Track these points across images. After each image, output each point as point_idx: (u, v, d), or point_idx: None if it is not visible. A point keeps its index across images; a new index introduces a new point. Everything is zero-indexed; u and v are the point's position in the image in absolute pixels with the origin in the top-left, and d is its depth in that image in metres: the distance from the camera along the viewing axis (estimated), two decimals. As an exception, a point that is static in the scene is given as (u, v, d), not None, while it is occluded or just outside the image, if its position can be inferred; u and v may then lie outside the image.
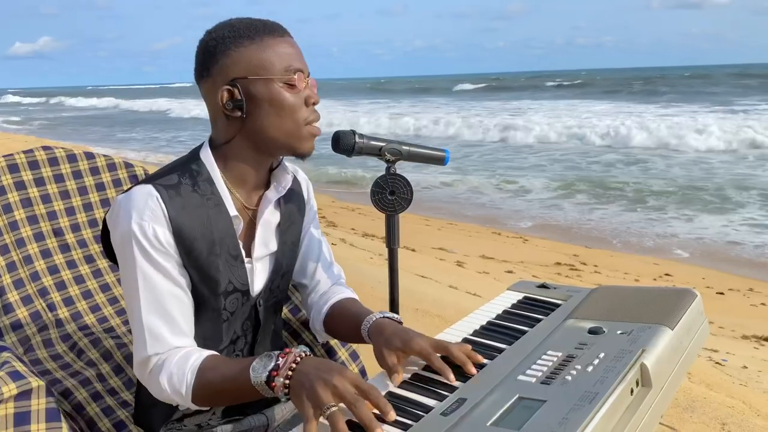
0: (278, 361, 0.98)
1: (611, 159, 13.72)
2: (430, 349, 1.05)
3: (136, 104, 45.58)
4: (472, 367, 1.02)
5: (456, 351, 1.04)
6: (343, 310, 1.28)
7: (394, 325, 1.14)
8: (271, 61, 1.09)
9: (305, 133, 1.13)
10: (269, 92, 1.09)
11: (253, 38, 1.09)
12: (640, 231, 8.03)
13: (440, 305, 3.73)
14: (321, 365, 0.95)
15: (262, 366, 0.98)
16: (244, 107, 1.10)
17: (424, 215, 8.51)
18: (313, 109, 1.14)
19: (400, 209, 1.33)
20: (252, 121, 1.11)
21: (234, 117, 1.11)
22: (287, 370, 0.96)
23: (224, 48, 1.09)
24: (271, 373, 0.97)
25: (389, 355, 1.07)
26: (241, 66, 1.09)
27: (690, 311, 1.20)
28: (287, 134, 1.12)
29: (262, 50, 1.09)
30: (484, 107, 28.40)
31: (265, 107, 1.10)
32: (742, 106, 23.24)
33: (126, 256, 1.09)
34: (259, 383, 0.98)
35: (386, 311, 1.22)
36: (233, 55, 1.09)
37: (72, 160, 1.69)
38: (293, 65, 1.10)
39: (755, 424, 2.42)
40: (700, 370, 3.13)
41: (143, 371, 1.11)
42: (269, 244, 1.23)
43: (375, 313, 1.20)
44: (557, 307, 1.30)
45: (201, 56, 1.12)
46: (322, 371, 0.93)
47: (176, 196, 1.09)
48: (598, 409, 0.85)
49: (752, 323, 4.86)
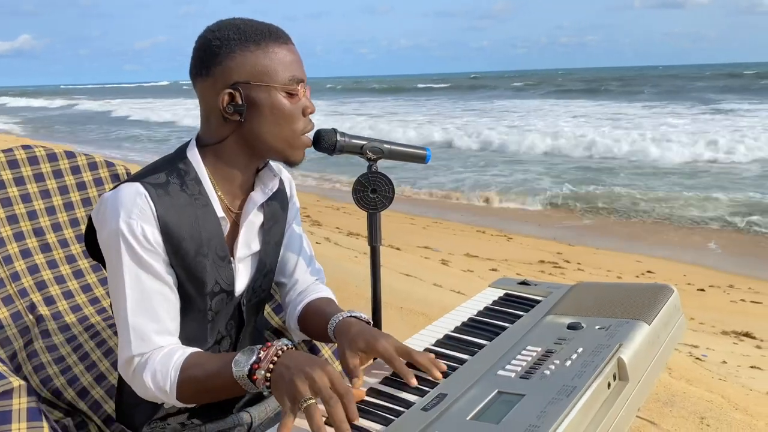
0: (260, 354, 0.98)
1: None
2: (393, 353, 1.05)
3: (94, 104, 45.96)
4: (436, 372, 1.02)
5: (419, 357, 1.04)
6: (316, 309, 1.27)
7: (361, 325, 1.13)
8: (276, 69, 1.09)
9: (300, 143, 1.14)
10: (271, 100, 1.09)
11: (258, 43, 1.09)
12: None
13: (425, 303, 3.75)
14: (303, 359, 0.96)
15: (245, 360, 0.99)
16: (244, 112, 1.10)
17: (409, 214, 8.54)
18: (309, 119, 1.15)
19: (381, 207, 1.34)
20: (249, 126, 1.11)
21: (231, 119, 1.11)
22: (268, 363, 0.96)
23: (229, 50, 1.08)
24: (252, 366, 0.97)
25: (352, 357, 1.07)
26: (245, 70, 1.08)
27: (667, 306, 1.22)
28: (283, 142, 1.12)
29: (267, 57, 1.09)
30: (442, 106, 28.90)
31: (265, 114, 1.10)
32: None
33: (113, 255, 1.08)
34: (241, 377, 0.98)
35: (355, 311, 1.21)
36: (238, 58, 1.08)
37: (52, 159, 1.68)
38: (296, 75, 1.11)
39: (733, 418, 2.47)
40: (681, 365, 3.17)
41: (127, 370, 1.11)
42: (251, 245, 1.23)
43: (343, 312, 1.19)
44: (537, 303, 1.32)
45: (202, 54, 1.11)
46: (303, 364, 0.94)
47: (165, 195, 1.08)
48: (576, 402, 0.86)
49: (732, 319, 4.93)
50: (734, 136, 14.49)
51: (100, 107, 42.17)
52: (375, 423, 0.91)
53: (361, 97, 40.77)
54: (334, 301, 1.31)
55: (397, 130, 18.74)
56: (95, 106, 44.06)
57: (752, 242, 7.56)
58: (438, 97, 37.40)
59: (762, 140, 13.83)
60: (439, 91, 45.64)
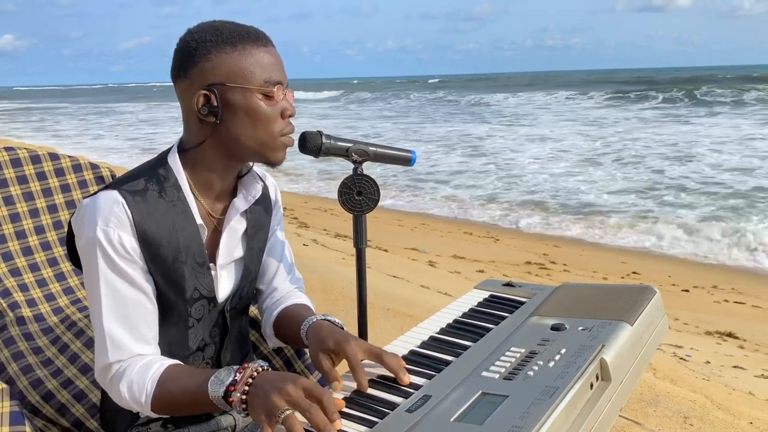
0: (236, 376, 0.97)
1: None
2: (358, 357, 1.04)
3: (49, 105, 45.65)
4: (405, 376, 1.02)
5: (388, 359, 1.04)
6: (292, 313, 1.26)
7: (331, 327, 1.13)
8: (252, 71, 1.08)
9: (278, 144, 1.13)
10: (246, 102, 1.08)
11: (235, 45, 1.08)
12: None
13: (411, 305, 3.75)
14: (276, 377, 0.95)
15: (220, 381, 0.98)
16: (219, 113, 1.09)
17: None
18: (288, 122, 1.14)
19: (367, 209, 1.34)
20: (225, 128, 1.10)
21: (207, 121, 1.10)
22: (244, 385, 0.96)
23: (205, 51, 1.08)
24: (228, 388, 0.97)
25: (324, 358, 1.07)
26: (221, 72, 1.08)
27: (649, 307, 1.23)
28: (260, 144, 1.12)
29: (244, 58, 1.08)
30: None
31: (240, 116, 1.09)
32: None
33: (90, 262, 1.08)
34: (217, 398, 0.98)
35: (329, 315, 1.20)
36: (214, 59, 1.08)
37: (36, 161, 1.67)
38: (273, 77, 1.10)
39: (716, 417, 2.49)
40: (665, 366, 3.20)
41: (104, 377, 1.11)
42: (234, 252, 1.22)
43: (317, 315, 1.19)
44: (522, 304, 1.33)
45: (180, 55, 1.11)
46: (276, 381, 0.93)
47: (142, 202, 1.08)
48: (559, 402, 0.87)
49: (716, 319, 4.99)
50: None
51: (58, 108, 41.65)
52: (359, 425, 0.91)
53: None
54: (310, 308, 1.30)
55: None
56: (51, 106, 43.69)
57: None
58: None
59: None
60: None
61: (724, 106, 25.50)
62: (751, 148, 14.08)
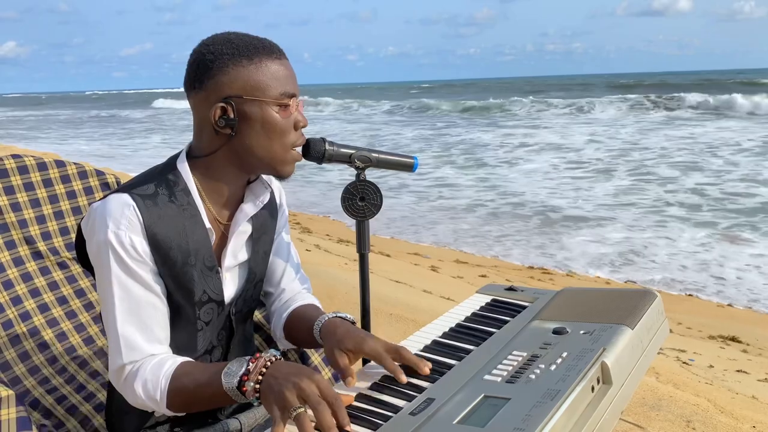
0: (249, 366, 0.99)
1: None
2: (382, 351, 1.07)
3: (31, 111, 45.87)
4: (425, 368, 1.05)
5: (407, 353, 1.07)
6: (302, 314, 1.28)
7: (347, 326, 1.15)
8: (268, 84, 1.10)
9: (290, 157, 1.15)
10: (262, 114, 1.10)
11: (251, 58, 1.10)
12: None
13: (414, 310, 3.76)
14: (290, 369, 0.97)
15: (234, 371, 1.00)
16: (236, 126, 1.11)
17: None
18: (301, 133, 1.17)
19: (370, 215, 1.36)
20: (240, 139, 1.12)
21: (222, 133, 1.12)
22: (257, 375, 0.98)
23: (221, 64, 1.09)
24: (242, 378, 0.99)
25: (341, 357, 1.09)
26: (238, 85, 1.09)
27: (650, 311, 1.25)
28: (273, 156, 1.14)
29: (260, 72, 1.10)
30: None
31: (256, 128, 1.11)
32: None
33: (102, 265, 1.09)
34: (231, 388, 0.99)
35: (339, 311, 1.22)
36: (230, 72, 1.09)
37: (42, 168, 1.68)
38: (288, 89, 1.12)
39: (719, 421, 2.50)
40: (668, 370, 3.20)
41: (118, 379, 1.12)
42: (238, 255, 1.24)
43: (328, 314, 1.21)
44: (524, 308, 1.34)
45: (195, 67, 1.12)
46: (291, 374, 0.95)
47: (153, 206, 1.10)
48: (560, 405, 0.88)
49: (719, 323, 4.98)
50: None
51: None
52: (363, 428, 0.93)
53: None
54: (319, 308, 1.32)
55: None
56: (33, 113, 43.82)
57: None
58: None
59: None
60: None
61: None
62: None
